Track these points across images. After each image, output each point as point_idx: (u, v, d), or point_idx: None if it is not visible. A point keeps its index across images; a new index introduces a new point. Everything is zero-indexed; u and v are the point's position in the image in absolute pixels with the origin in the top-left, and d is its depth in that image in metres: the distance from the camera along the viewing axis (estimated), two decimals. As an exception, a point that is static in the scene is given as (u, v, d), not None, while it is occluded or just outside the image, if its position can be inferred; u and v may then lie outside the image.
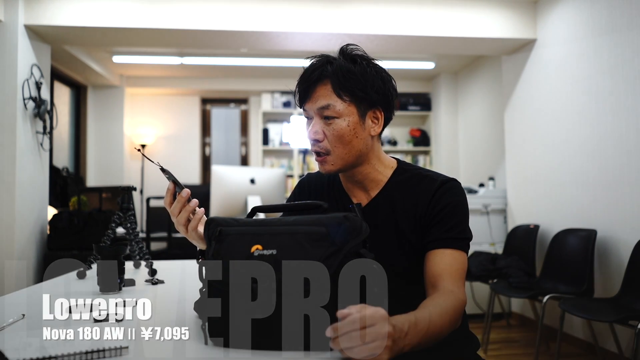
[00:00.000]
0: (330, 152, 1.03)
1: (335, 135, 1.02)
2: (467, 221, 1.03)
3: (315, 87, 1.03)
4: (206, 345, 0.74)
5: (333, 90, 1.01)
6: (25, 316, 0.96)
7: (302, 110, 1.07)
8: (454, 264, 0.97)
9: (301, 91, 1.05)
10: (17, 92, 3.14)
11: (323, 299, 0.69)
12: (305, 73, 1.05)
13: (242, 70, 5.41)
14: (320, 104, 1.02)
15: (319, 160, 1.05)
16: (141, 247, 1.63)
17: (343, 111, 1.01)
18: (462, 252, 0.99)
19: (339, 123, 1.01)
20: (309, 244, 0.71)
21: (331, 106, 1.01)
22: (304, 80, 1.04)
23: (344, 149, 1.02)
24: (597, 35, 2.94)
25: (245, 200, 2.69)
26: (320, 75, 1.02)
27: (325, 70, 1.02)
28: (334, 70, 1.01)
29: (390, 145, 5.81)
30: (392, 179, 1.09)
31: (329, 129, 1.02)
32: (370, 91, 1.02)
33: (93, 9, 3.23)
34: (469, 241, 1.02)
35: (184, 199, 0.96)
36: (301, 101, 1.06)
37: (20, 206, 3.15)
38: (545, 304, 2.66)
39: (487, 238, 4.01)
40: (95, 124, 5.42)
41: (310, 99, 1.04)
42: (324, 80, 1.02)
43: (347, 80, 1.01)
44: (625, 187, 2.70)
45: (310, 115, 1.05)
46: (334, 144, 1.02)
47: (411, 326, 0.77)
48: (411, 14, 3.47)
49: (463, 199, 1.04)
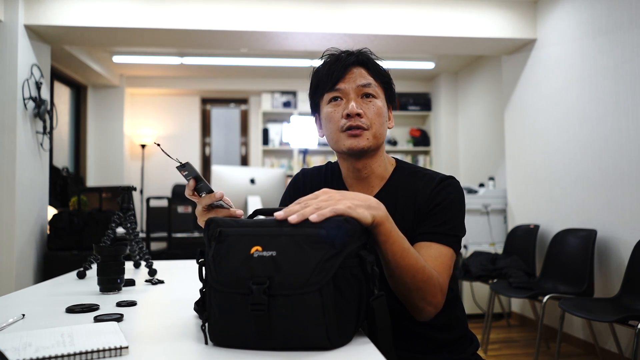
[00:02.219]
0: (369, 127, 1.04)
1: (375, 112, 1.05)
2: (460, 218, 1.03)
3: (351, 69, 1.06)
4: (206, 345, 0.74)
5: (370, 74, 1.07)
6: (25, 316, 0.96)
7: (327, 93, 1.07)
8: (438, 257, 0.97)
9: (336, 71, 1.05)
10: (17, 92, 3.14)
11: (323, 301, 0.69)
12: (339, 57, 1.07)
13: (242, 70, 5.41)
14: (361, 81, 1.05)
15: (354, 134, 1.04)
16: (141, 247, 1.63)
17: (379, 92, 1.07)
18: (449, 248, 0.99)
19: (377, 102, 1.06)
20: (308, 246, 0.71)
21: (372, 85, 1.06)
22: (341, 60, 1.06)
23: (380, 128, 1.06)
24: (597, 35, 2.94)
25: (245, 200, 2.69)
26: (356, 60, 1.06)
27: (361, 56, 1.07)
28: (368, 57, 1.08)
29: (390, 145, 5.81)
30: (393, 176, 1.10)
31: (369, 106, 1.05)
32: (393, 86, 1.12)
33: (93, 9, 3.24)
34: (459, 239, 1.02)
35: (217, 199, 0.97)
36: (333, 82, 1.05)
37: (20, 206, 3.15)
38: (545, 304, 2.66)
39: (487, 238, 4.01)
40: (95, 124, 5.42)
41: (346, 78, 1.05)
42: (360, 65, 1.07)
43: (380, 70, 1.09)
44: (625, 187, 2.70)
45: (344, 95, 1.05)
46: (374, 120, 1.05)
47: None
48: (411, 14, 3.47)
49: (460, 197, 1.05)
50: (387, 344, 0.74)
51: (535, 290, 2.83)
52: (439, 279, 0.92)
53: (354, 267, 0.74)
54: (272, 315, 0.69)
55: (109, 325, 0.81)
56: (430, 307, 0.91)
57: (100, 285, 1.23)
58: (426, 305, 0.91)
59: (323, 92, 1.08)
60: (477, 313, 3.83)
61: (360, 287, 0.75)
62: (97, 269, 1.23)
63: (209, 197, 0.96)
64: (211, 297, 0.75)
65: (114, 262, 1.23)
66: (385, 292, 0.77)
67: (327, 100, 1.08)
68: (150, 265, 1.52)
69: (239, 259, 0.72)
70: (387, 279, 0.91)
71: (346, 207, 0.77)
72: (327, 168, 1.21)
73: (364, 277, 0.76)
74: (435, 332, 1.05)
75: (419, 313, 0.93)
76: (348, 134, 1.04)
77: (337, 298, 0.70)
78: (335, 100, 1.06)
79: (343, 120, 1.04)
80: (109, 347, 0.68)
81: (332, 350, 0.70)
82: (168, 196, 4.35)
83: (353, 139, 1.04)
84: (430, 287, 0.89)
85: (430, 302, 0.91)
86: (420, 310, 0.92)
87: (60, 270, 2.72)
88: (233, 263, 0.73)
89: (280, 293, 0.69)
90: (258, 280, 0.70)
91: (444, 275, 0.94)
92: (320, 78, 1.08)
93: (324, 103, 1.09)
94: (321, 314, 0.68)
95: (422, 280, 0.88)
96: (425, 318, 0.93)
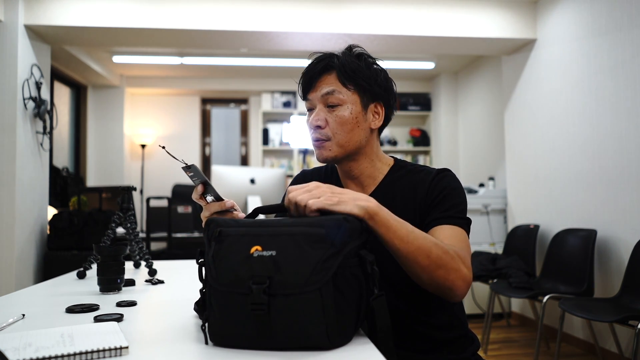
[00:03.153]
0: (330, 138, 1.04)
1: (337, 122, 1.04)
2: (464, 204, 1.03)
3: (320, 77, 1.05)
4: (206, 345, 0.74)
5: (338, 79, 1.04)
6: (25, 316, 0.96)
7: (305, 102, 1.09)
8: (452, 236, 0.95)
9: (305, 81, 1.07)
10: (17, 92, 3.14)
11: (323, 300, 0.69)
12: (310, 65, 1.07)
13: (242, 70, 5.41)
14: (325, 90, 1.04)
15: (317, 146, 1.06)
16: (141, 247, 1.63)
17: (346, 99, 1.04)
18: (461, 229, 0.98)
19: (341, 110, 1.04)
20: (308, 245, 0.71)
21: (335, 92, 1.03)
22: (309, 71, 1.06)
23: (345, 137, 1.04)
24: (597, 35, 2.94)
25: (245, 200, 2.69)
26: (325, 66, 1.05)
27: (331, 61, 1.05)
28: (340, 62, 1.05)
29: (390, 145, 5.81)
30: (389, 176, 1.10)
31: (332, 115, 1.04)
32: (374, 84, 1.06)
33: (93, 9, 3.24)
34: (468, 221, 1.01)
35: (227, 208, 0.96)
36: (305, 92, 1.08)
37: (20, 206, 3.15)
38: (545, 304, 2.66)
39: (487, 238, 4.01)
40: (95, 124, 5.43)
41: (314, 88, 1.06)
42: (330, 71, 1.05)
43: (353, 71, 1.04)
44: (625, 187, 2.70)
45: (313, 105, 1.07)
46: (335, 130, 1.04)
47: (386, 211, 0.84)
48: (411, 14, 3.47)
49: (459, 185, 1.05)
50: (387, 344, 0.74)
51: (535, 290, 2.83)
52: (457, 252, 0.89)
53: (354, 267, 0.74)
54: (272, 315, 0.69)
55: (109, 325, 0.81)
56: (460, 282, 0.87)
57: (100, 285, 1.23)
58: (454, 281, 0.87)
59: (304, 101, 1.10)
60: (477, 313, 3.83)
61: (360, 286, 0.75)
62: (97, 269, 1.23)
63: (219, 205, 0.95)
64: (211, 297, 0.75)
65: (114, 262, 1.23)
66: (385, 292, 0.78)
67: (306, 109, 1.10)
68: (150, 265, 1.52)
69: (239, 258, 0.72)
70: (407, 272, 0.88)
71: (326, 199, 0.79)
72: (326, 168, 1.21)
73: (364, 276, 0.76)
74: (435, 332, 1.04)
75: (452, 292, 0.88)
76: (314, 144, 1.07)
77: (337, 297, 0.70)
78: (309, 111, 1.08)
79: (310, 131, 1.07)
80: (109, 347, 0.68)
81: (332, 350, 0.70)
82: (168, 196, 4.35)
83: (317, 150, 1.06)
84: (450, 260, 0.86)
85: (456, 277, 0.87)
86: (450, 288, 0.87)
87: (60, 270, 2.72)
88: (233, 263, 0.73)
89: (280, 293, 0.69)
90: (258, 279, 0.70)
91: (462, 251, 0.91)
92: (299, 86, 1.10)
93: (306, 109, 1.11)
94: (321, 313, 0.68)
95: (438, 257, 0.85)
96: (459, 295, 0.89)
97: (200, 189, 0.96)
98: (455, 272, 0.87)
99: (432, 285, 0.88)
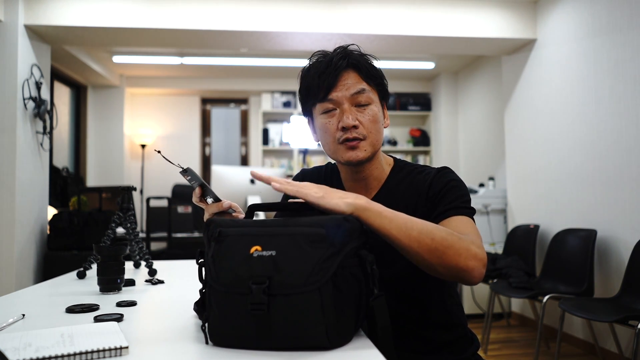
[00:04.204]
0: (365, 138, 1.02)
1: (371, 121, 1.02)
2: (468, 196, 1.02)
3: (342, 75, 1.01)
4: (206, 345, 0.74)
5: (362, 78, 1.02)
6: (25, 316, 0.96)
7: (320, 103, 1.02)
8: (459, 225, 0.93)
9: (327, 80, 1.00)
10: (17, 92, 3.14)
11: (322, 300, 0.69)
12: (329, 63, 1.00)
13: (242, 70, 5.41)
14: (355, 89, 1.00)
15: (351, 146, 1.01)
16: (141, 247, 1.63)
17: (372, 97, 1.03)
18: (468, 217, 0.96)
19: (372, 109, 1.02)
20: (308, 245, 0.71)
21: (365, 91, 1.01)
22: (330, 68, 1.00)
23: (377, 135, 1.03)
24: (597, 35, 2.94)
25: (245, 200, 2.69)
26: (347, 63, 1.01)
27: (351, 58, 1.02)
28: (359, 59, 1.02)
29: (390, 145, 5.81)
30: (391, 177, 1.10)
31: (364, 114, 1.01)
32: (386, 83, 1.07)
33: (93, 9, 3.24)
34: (473, 211, 1.00)
35: (224, 209, 0.95)
36: (325, 91, 1.01)
37: (20, 206, 3.15)
38: (545, 304, 2.66)
39: (487, 238, 4.01)
40: (95, 124, 5.42)
41: (338, 87, 1.00)
42: (351, 68, 1.02)
43: (372, 69, 1.03)
44: (625, 187, 2.70)
45: (337, 105, 1.01)
46: (370, 130, 1.02)
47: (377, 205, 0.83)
48: (411, 14, 3.47)
49: (460, 179, 1.05)
50: (387, 344, 0.74)
51: (535, 290, 2.83)
52: (461, 235, 0.86)
53: (354, 267, 0.74)
54: (272, 315, 0.69)
55: (109, 325, 0.81)
56: (473, 261, 0.83)
57: (100, 285, 1.23)
58: (467, 261, 0.82)
59: (315, 102, 1.03)
60: (477, 313, 3.83)
61: (359, 286, 0.75)
62: (97, 269, 1.23)
63: (216, 206, 0.95)
64: (211, 297, 0.75)
65: (114, 262, 1.23)
66: (385, 292, 0.78)
67: (320, 110, 1.03)
68: (150, 265, 1.52)
69: (239, 258, 0.72)
70: (416, 263, 0.85)
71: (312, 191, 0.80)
72: (326, 169, 1.21)
73: (364, 276, 0.76)
74: (435, 332, 1.04)
75: (467, 273, 0.83)
76: (346, 145, 1.01)
77: (337, 297, 0.70)
78: (329, 112, 1.02)
79: (339, 133, 1.01)
80: (109, 347, 0.68)
81: (332, 350, 0.70)
82: (168, 196, 4.35)
83: (351, 151, 1.01)
84: (458, 240, 0.83)
85: (467, 256, 0.82)
86: (464, 269, 0.82)
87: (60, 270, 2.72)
88: (233, 263, 0.73)
89: (279, 292, 0.69)
90: (258, 280, 0.70)
91: (471, 234, 0.89)
92: (311, 85, 1.02)
93: (317, 112, 1.04)
94: (320, 313, 0.68)
95: (443, 238, 0.82)
96: (476, 276, 0.84)
97: (198, 191, 0.96)
98: (466, 251, 0.83)
99: (444, 270, 0.83)
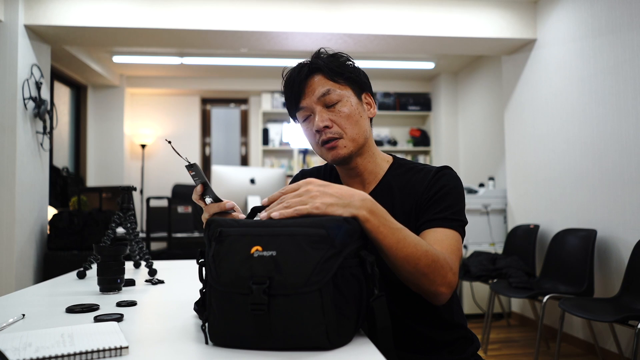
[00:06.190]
0: (342, 135, 1.04)
1: (343, 117, 1.04)
2: (461, 204, 1.02)
3: (307, 82, 1.05)
4: (206, 345, 0.74)
5: (327, 78, 1.05)
6: (25, 316, 0.96)
7: (297, 112, 1.07)
8: (444, 239, 0.95)
9: (294, 91, 1.06)
10: (17, 92, 3.14)
11: (323, 301, 0.69)
12: (293, 74, 1.06)
13: (242, 70, 5.41)
14: (320, 92, 1.04)
15: (330, 147, 1.04)
16: (141, 247, 1.63)
17: (342, 94, 1.05)
18: (454, 231, 0.97)
19: (342, 105, 1.04)
20: (308, 245, 0.71)
21: (331, 91, 1.04)
22: (294, 79, 1.05)
23: (354, 129, 1.05)
24: (597, 35, 2.94)
25: (245, 200, 2.69)
26: (309, 70, 1.05)
27: (313, 64, 1.05)
28: (323, 62, 1.05)
29: (390, 145, 5.81)
30: (389, 173, 1.11)
31: (335, 113, 1.04)
32: (359, 75, 1.09)
33: (93, 9, 3.24)
34: (463, 223, 1.00)
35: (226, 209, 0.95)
36: (296, 101, 1.06)
37: (20, 206, 3.15)
38: (545, 304, 2.66)
39: (487, 238, 4.01)
40: (95, 124, 5.43)
41: (306, 94, 1.05)
42: (314, 74, 1.05)
43: (338, 67, 1.05)
44: (625, 187, 2.70)
45: (310, 110, 1.06)
46: (344, 126, 1.04)
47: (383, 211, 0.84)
48: (411, 14, 3.47)
49: (458, 184, 1.04)
50: (387, 344, 0.74)
51: (535, 290, 2.83)
52: (446, 259, 0.89)
53: (354, 267, 0.74)
54: (272, 315, 0.69)
55: (109, 325, 0.81)
56: (443, 288, 0.88)
57: (100, 285, 1.23)
58: (438, 287, 0.88)
59: (294, 112, 1.09)
60: (477, 313, 3.84)
61: (360, 287, 0.75)
62: (97, 269, 1.23)
63: (217, 206, 0.95)
64: (211, 297, 0.75)
65: (114, 262, 1.23)
66: (385, 293, 0.78)
67: (300, 118, 1.09)
68: (150, 265, 1.52)
69: (239, 258, 0.72)
70: (394, 272, 0.89)
71: (313, 207, 0.79)
72: (326, 168, 1.21)
73: (364, 277, 0.76)
74: (435, 332, 1.05)
75: (434, 297, 0.90)
76: (326, 147, 1.05)
77: (337, 298, 0.70)
78: (307, 119, 1.07)
79: (317, 135, 1.05)
80: (109, 347, 0.68)
81: (332, 350, 0.70)
82: (168, 196, 4.35)
83: (332, 151, 1.05)
84: (438, 269, 0.87)
85: (441, 283, 0.87)
86: (434, 294, 0.89)
87: (60, 270, 2.72)
88: (233, 263, 0.73)
89: (280, 293, 0.69)
90: (258, 280, 0.70)
91: (452, 256, 0.92)
92: (287, 98, 1.08)
93: (299, 120, 1.10)
94: (321, 313, 0.68)
95: (426, 265, 0.85)
96: (442, 301, 0.90)
97: (199, 189, 0.96)
98: (441, 280, 0.87)
99: (415, 287, 0.90)
